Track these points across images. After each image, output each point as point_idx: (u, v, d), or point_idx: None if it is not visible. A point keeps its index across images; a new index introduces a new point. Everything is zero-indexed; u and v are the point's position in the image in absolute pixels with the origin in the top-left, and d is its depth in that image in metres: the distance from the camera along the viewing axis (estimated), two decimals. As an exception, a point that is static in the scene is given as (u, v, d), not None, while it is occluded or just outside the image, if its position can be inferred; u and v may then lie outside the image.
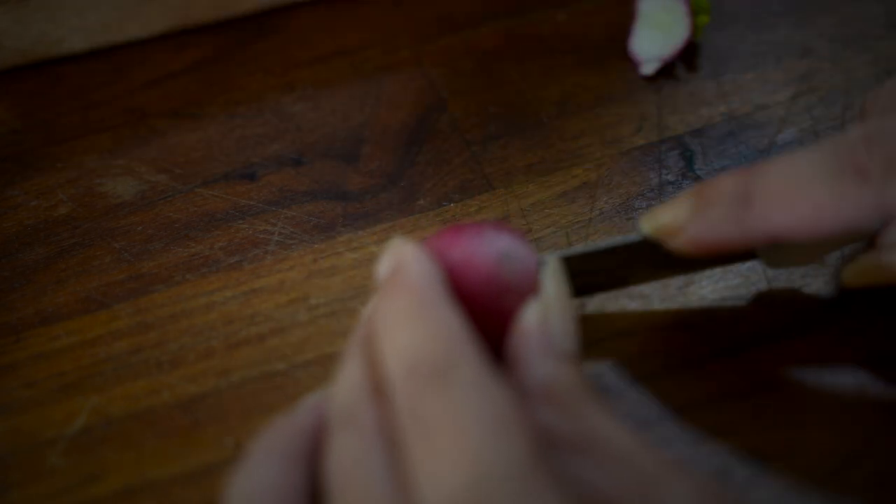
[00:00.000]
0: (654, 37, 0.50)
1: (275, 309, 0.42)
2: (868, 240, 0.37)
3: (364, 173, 0.47)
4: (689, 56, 0.51)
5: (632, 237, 0.38)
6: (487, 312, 0.33)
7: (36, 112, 0.51)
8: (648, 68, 0.50)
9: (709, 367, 0.39)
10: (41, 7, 0.50)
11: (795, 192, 0.34)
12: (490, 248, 0.35)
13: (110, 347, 0.41)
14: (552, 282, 0.34)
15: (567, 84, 0.50)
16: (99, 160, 0.48)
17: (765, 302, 0.41)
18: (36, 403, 0.40)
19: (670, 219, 0.36)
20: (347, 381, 0.32)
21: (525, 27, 0.53)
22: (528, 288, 0.34)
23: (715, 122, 0.47)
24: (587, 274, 0.39)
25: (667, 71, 0.50)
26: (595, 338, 0.40)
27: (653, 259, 0.38)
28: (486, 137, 0.48)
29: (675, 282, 0.42)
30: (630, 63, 0.51)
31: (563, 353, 0.32)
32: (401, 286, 0.32)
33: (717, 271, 0.42)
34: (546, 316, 0.33)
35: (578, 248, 0.38)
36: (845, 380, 0.38)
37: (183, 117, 0.50)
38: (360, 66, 0.52)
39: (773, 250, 0.38)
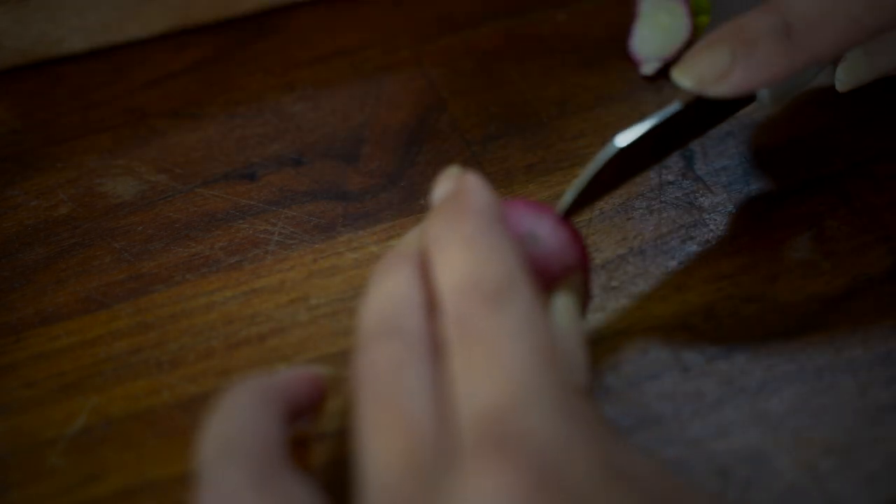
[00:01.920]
0: (655, 37, 0.50)
1: (275, 309, 0.42)
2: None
3: (364, 173, 0.47)
4: (689, 56, 0.51)
5: (673, 107, 0.39)
6: None
7: (36, 112, 0.51)
8: (649, 68, 0.50)
9: (709, 368, 0.39)
10: (41, 7, 0.50)
11: (832, 9, 0.36)
12: (520, 225, 0.35)
13: (110, 347, 0.41)
14: (564, 315, 0.34)
15: (567, 84, 0.50)
16: (99, 160, 0.48)
17: (764, 301, 0.41)
18: (36, 403, 0.40)
19: (711, 67, 0.36)
20: (391, 294, 0.32)
21: (525, 27, 0.53)
22: (551, 273, 0.34)
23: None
24: (636, 156, 0.39)
25: (667, 71, 0.50)
26: (595, 338, 0.40)
27: (688, 121, 0.39)
28: (487, 137, 0.48)
29: (675, 281, 0.42)
30: (630, 63, 0.51)
31: (574, 386, 0.32)
32: (463, 211, 0.33)
33: (718, 270, 0.42)
34: (557, 348, 0.33)
35: (628, 134, 0.38)
36: (846, 379, 0.38)
37: (183, 117, 0.50)
38: (360, 66, 0.52)
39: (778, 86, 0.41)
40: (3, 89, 0.52)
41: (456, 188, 0.34)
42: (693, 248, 0.43)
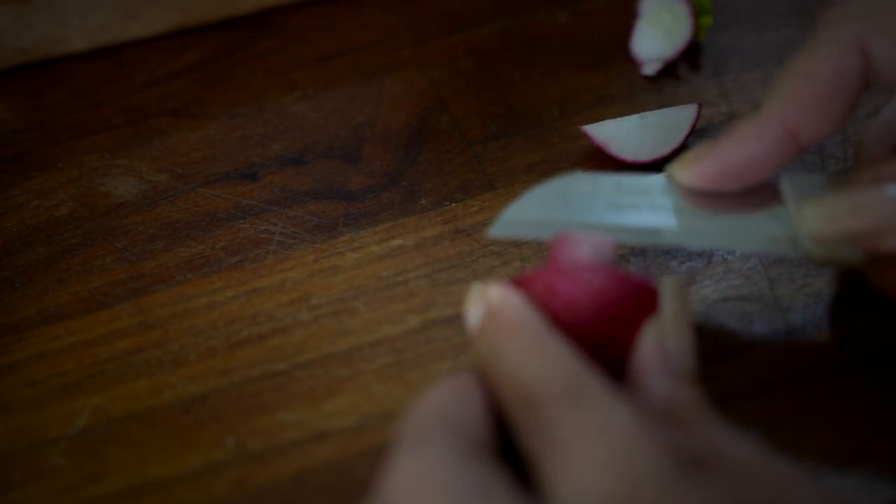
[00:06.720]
0: (656, 37, 0.50)
1: (276, 309, 0.42)
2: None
3: (365, 173, 0.47)
4: (691, 56, 0.51)
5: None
6: (601, 339, 0.34)
7: (37, 112, 0.51)
8: (650, 68, 0.50)
9: (710, 368, 0.39)
10: (43, 6, 0.50)
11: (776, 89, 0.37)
12: (580, 251, 0.35)
13: (112, 347, 0.41)
14: (670, 302, 0.34)
15: (568, 84, 0.50)
16: (100, 160, 0.48)
17: (766, 302, 0.41)
18: (37, 403, 0.40)
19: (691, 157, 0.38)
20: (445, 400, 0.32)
21: (525, 27, 0.53)
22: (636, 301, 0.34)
23: (716, 122, 0.47)
24: None
25: (668, 71, 0.50)
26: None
27: None
28: (488, 137, 0.48)
29: (677, 282, 0.42)
30: (631, 63, 0.51)
31: (682, 372, 0.33)
32: (507, 328, 0.33)
33: (719, 270, 0.42)
34: (663, 336, 0.33)
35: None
36: (846, 380, 0.38)
37: (184, 117, 0.50)
38: (361, 66, 0.52)
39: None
40: (4, 89, 0.52)
41: (487, 309, 0.34)
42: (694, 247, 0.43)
